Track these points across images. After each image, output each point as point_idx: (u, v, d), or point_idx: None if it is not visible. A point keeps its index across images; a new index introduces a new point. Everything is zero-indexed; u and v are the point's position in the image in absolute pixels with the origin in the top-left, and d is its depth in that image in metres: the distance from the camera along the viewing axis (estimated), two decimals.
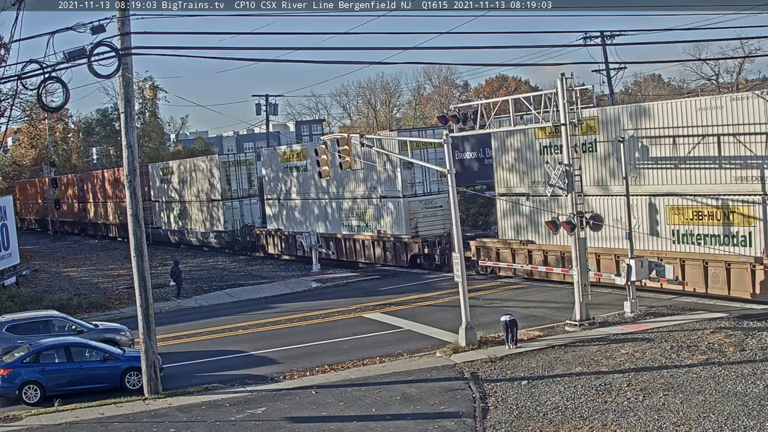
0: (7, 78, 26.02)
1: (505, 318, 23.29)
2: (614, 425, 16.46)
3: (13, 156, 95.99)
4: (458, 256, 24.54)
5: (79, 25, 18.78)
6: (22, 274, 42.52)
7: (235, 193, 54.54)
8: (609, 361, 21.15)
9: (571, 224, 25.07)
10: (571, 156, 25.34)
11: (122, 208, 67.70)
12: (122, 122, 21.32)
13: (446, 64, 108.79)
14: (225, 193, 54.07)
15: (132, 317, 25.36)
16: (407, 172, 39.63)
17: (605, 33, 51.73)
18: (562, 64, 48.32)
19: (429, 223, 39.98)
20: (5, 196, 46.39)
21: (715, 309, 25.86)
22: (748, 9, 37.91)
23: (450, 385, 20.15)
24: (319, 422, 18.22)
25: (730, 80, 69.30)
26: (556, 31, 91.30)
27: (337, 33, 44.82)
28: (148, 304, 21.31)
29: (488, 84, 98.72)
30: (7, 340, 24.74)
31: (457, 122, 27.65)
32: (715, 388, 18.13)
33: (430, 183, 40.18)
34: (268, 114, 70.99)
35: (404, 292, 34.43)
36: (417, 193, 40.15)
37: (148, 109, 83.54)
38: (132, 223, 21.28)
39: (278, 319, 30.80)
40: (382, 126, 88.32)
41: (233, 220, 54.02)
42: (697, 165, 27.47)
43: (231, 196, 54.36)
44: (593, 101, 29.50)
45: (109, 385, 21.95)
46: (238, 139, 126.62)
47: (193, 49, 21.01)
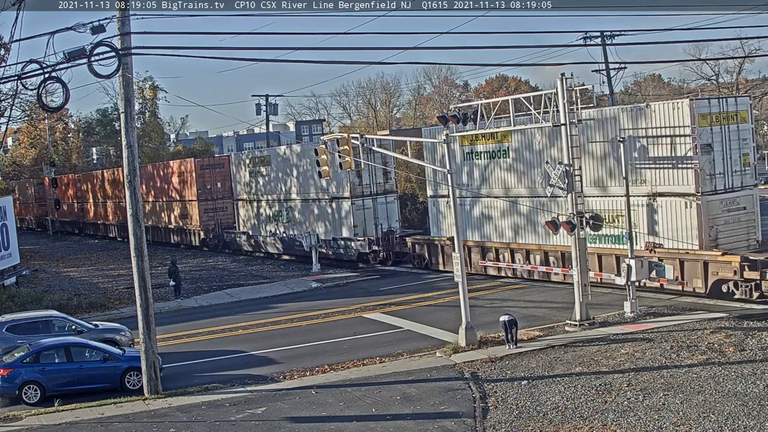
0: (7, 78, 26.01)
1: (504, 318, 23.29)
2: (614, 425, 16.46)
3: (13, 156, 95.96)
4: (458, 256, 24.55)
5: (79, 25, 18.78)
6: (22, 274, 42.51)
7: (366, 189, 42.95)
8: (609, 361, 21.15)
9: (571, 224, 25.08)
10: (571, 156, 25.34)
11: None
12: (122, 122, 21.33)
13: (446, 64, 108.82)
14: (354, 189, 42.92)
15: (132, 317, 25.36)
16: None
17: (605, 33, 51.74)
18: (562, 64, 48.38)
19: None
20: (5, 196, 46.36)
21: (715, 309, 25.88)
22: (748, 9, 37.90)
23: (450, 385, 20.15)
24: (319, 422, 18.22)
25: (730, 80, 69.29)
26: (556, 31, 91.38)
27: (337, 33, 44.73)
28: (148, 304, 21.31)
29: (488, 84, 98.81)
30: (7, 340, 24.74)
31: (457, 122, 27.67)
32: (715, 388, 18.14)
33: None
34: (268, 114, 71.00)
35: (404, 292, 34.44)
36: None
37: (148, 109, 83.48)
38: (132, 223, 21.29)
39: (278, 319, 30.80)
40: (382, 126, 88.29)
41: (364, 223, 42.75)
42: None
43: (362, 193, 42.98)
44: (593, 101, 29.47)
45: (109, 385, 21.95)
46: (238, 139, 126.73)
47: (193, 49, 21.04)
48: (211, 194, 56.03)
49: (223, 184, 55.80)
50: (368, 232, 42.60)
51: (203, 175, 55.76)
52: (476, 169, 36.21)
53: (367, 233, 42.55)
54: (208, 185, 56.10)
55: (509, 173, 34.75)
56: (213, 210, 56.29)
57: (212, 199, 56.01)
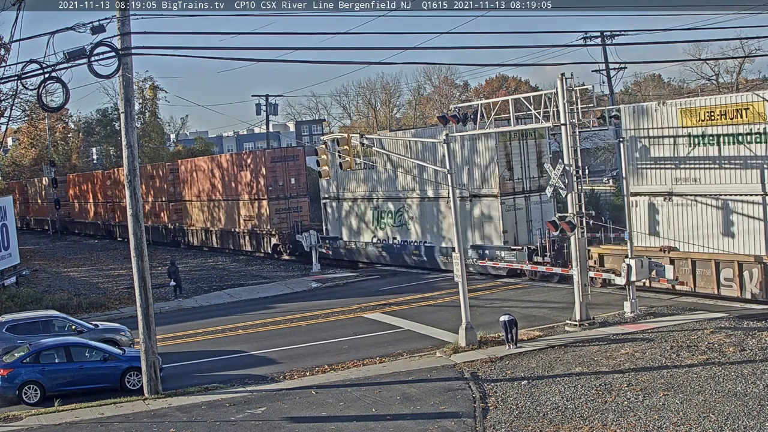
0: (7, 78, 26.00)
1: (504, 318, 23.29)
2: (614, 425, 16.45)
3: (13, 156, 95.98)
4: (458, 256, 24.54)
5: (79, 25, 18.78)
6: (22, 274, 42.50)
7: (518, 185, 35.35)
8: (609, 361, 21.14)
9: (571, 224, 25.08)
10: (571, 156, 25.34)
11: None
12: (122, 122, 21.32)
13: (446, 64, 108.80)
14: (505, 184, 35.07)
15: (132, 317, 25.35)
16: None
17: (605, 33, 51.67)
18: (562, 64, 48.45)
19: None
20: (5, 196, 46.37)
21: (715, 309, 25.87)
22: (748, 9, 37.85)
23: (450, 385, 20.14)
24: (319, 422, 18.21)
25: (730, 80, 69.25)
26: (556, 31, 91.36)
27: (337, 33, 44.83)
28: (148, 304, 21.30)
29: (488, 84, 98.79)
30: (7, 340, 24.73)
31: (457, 122, 27.69)
32: (715, 388, 18.14)
33: None
34: (268, 114, 70.95)
35: (404, 292, 34.43)
36: None
37: (148, 109, 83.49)
38: (132, 223, 21.27)
39: (278, 319, 30.79)
40: (382, 126, 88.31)
41: (515, 228, 34.82)
42: None
43: (513, 190, 35.34)
44: (593, 101, 29.48)
45: (109, 385, 21.94)
46: (238, 139, 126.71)
47: (193, 49, 21.03)
48: (283, 191, 49.07)
49: (298, 180, 48.93)
50: (521, 238, 34.84)
51: (274, 170, 48.73)
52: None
53: (518, 240, 34.72)
54: (280, 181, 48.88)
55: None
56: (285, 210, 49.15)
57: (284, 197, 49.09)
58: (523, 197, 35.24)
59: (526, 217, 35.20)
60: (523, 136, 34.02)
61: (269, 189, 48.60)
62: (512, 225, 34.63)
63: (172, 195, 60.44)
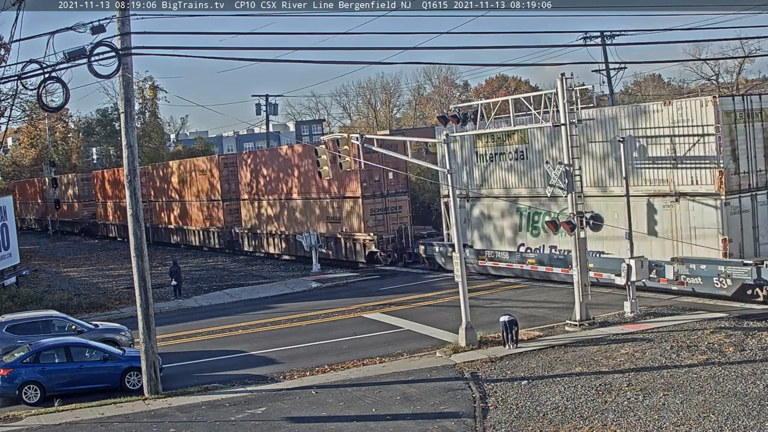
0: (7, 78, 25.99)
1: (504, 318, 23.29)
2: (614, 425, 16.45)
3: (13, 156, 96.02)
4: (458, 255, 24.54)
5: (79, 25, 18.78)
6: (22, 274, 42.52)
7: (744, 179, 28.57)
8: (609, 361, 21.14)
9: (571, 224, 25.08)
10: (571, 156, 25.34)
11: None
12: (122, 122, 21.32)
13: (446, 64, 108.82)
14: (730, 180, 28.04)
15: (132, 317, 25.36)
16: None
17: (605, 33, 51.73)
18: (562, 64, 48.34)
19: None
20: (5, 196, 46.38)
21: (715, 309, 25.87)
22: (748, 9, 37.86)
23: (450, 385, 20.14)
24: (319, 422, 18.21)
25: (730, 80, 69.25)
26: (556, 31, 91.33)
27: (337, 33, 44.91)
28: (148, 304, 21.30)
29: (488, 84, 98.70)
30: (7, 340, 24.73)
31: (457, 122, 27.65)
32: (715, 388, 18.13)
33: None
34: (268, 114, 71.00)
35: (404, 292, 34.43)
36: None
37: (148, 109, 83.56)
38: (132, 223, 21.28)
39: (278, 319, 30.80)
40: (382, 126, 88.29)
41: (741, 237, 28.06)
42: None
43: (739, 186, 28.39)
44: (593, 101, 29.44)
45: (109, 385, 21.94)
46: (238, 139, 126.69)
47: (193, 49, 21.04)
48: (379, 188, 41.77)
49: (396, 175, 40.91)
50: (746, 250, 27.95)
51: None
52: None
53: (744, 252, 27.74)
54: (376, 176, 41.40)
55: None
56: (383, 211, 41.93)
57: (381, 195, 41.88)
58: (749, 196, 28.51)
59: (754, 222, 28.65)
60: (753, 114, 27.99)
61: (363, 186, 41.30)
62: (738, 235, 28.09)
63: (227, 192, 53.66)
